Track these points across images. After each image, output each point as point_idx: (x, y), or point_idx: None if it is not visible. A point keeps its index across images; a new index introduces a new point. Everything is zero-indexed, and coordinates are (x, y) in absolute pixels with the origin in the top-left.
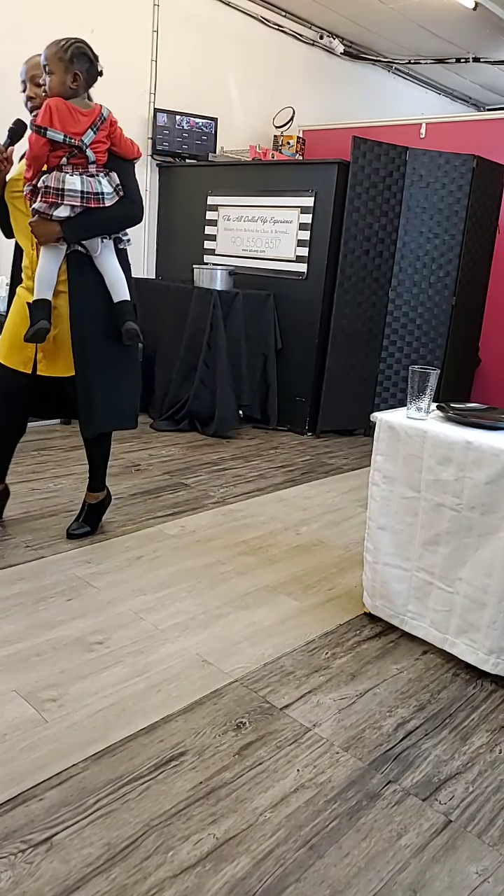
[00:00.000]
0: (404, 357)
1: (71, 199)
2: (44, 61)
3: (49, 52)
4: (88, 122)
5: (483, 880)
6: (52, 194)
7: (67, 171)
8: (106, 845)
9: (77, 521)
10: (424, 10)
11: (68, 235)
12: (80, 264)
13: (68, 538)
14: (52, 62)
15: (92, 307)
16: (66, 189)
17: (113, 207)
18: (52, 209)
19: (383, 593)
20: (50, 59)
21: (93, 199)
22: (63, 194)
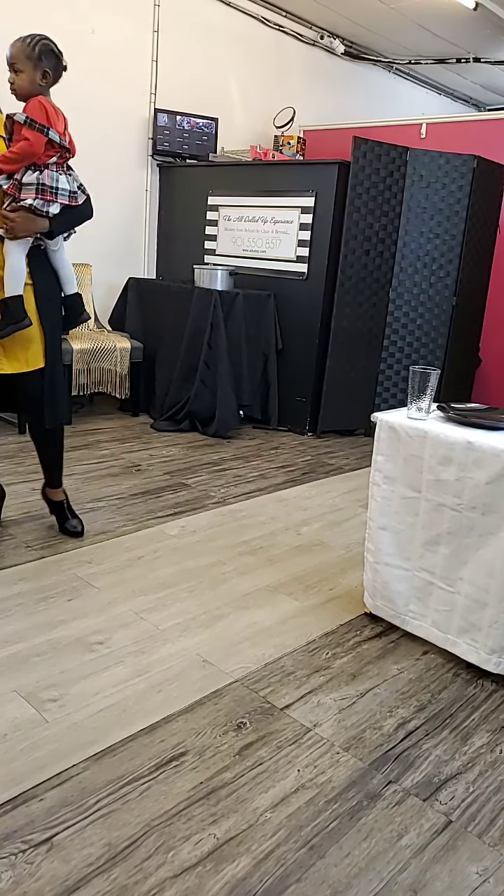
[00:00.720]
0: (405, 357)
1: (62, 198)
2: (10, 59)
3: (15, 50)
4: (64, 122)
5: (483, 880)
6: (49, 192)
7: (54, 170)
8: (106, 845)
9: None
10: (425, 11)
11: (56, 231)
12: (39, 258)
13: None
14: (19, 60)
15: (53, 300)
16: (59, 188)
17: (83, 205)
18: (46, 206)
19: (384, 593)
20: (17, 56)
21: (73, 197)
22: (57, 193)
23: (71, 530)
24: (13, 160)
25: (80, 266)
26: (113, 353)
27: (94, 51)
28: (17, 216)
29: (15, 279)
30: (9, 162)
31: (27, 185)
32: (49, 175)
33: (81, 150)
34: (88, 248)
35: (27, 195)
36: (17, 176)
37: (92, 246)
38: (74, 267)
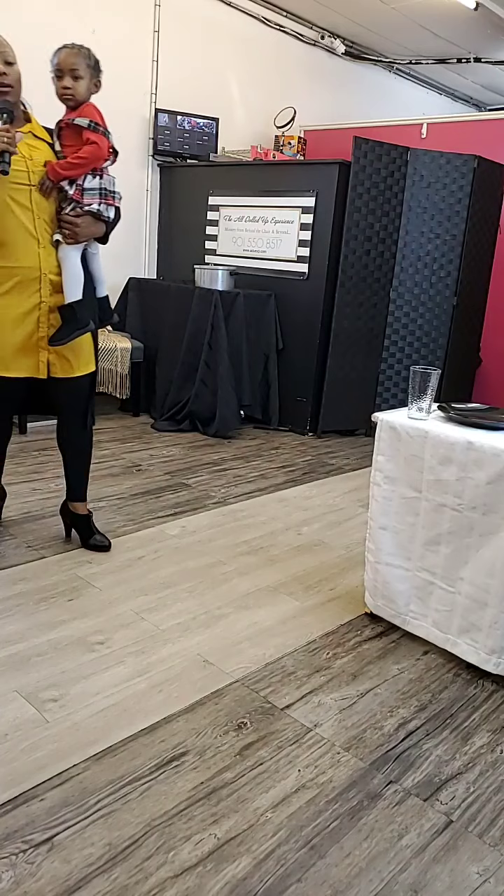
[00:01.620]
0: (405, 357)
1: (118, 202)
2: (71, 66)
3: (76, 57)
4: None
5: (484, 880)
6: (110, 196)
7: (108, 174)
8: (107, 845)
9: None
10: (426, 11)
11: (109, 234)
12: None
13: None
14: (82, 67)
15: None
16: (116, 192)
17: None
18: (107, 210)
19: (385, 593)
20: (80, 64)
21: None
22: (115, 196)
23: (98, 545)
24: (80, 165)
25: None
26: (113, 353)
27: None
28: (81, 221)
29: (76, 284)
30: (75, 167)
31: (90, 190)
32: (108, 179)
33: None
34: None
35: (91, 200)
36: (79, 181)
37: None
38: None
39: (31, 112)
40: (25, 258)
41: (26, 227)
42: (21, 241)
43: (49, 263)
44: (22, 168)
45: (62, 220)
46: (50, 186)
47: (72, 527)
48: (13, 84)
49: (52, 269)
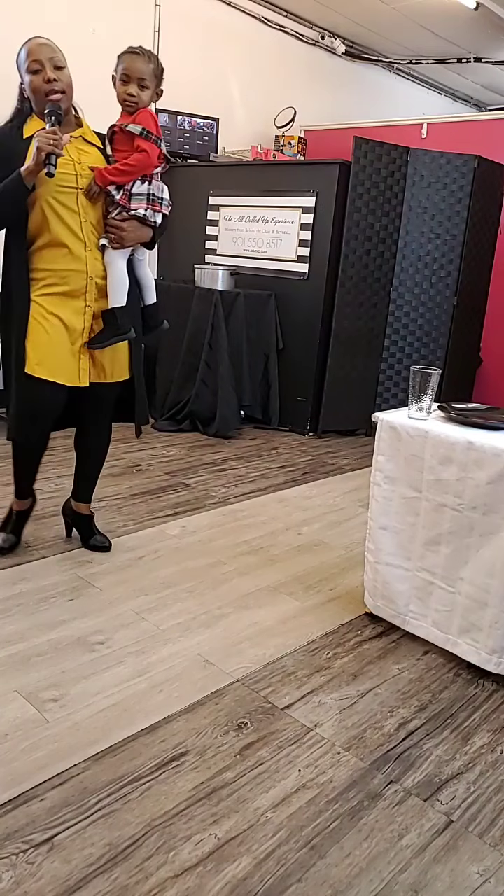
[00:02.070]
0: (406, 357)
1: (166, 208)
2: (139, 74)
3: (144, 66)
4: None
5: (484, 880)
6: (157, 202)
7: (157, 180)
8: (107, 845)
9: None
10: (426, 11)
11: (157, 239)
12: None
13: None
14: (150, 77)
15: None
16: (164, 198)
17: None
18: (154, 216)
19: (385, 593)
20: (148, 73)
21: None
22: (163, 202)
23: (99, 546)
24: (127, 172)
25: None
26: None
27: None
28: (127, 226)
29: (121, 289)
30: (123, 174)
31: (137, 196)
32: (156, 185)
33: None
34: None
35: (138, 205)
36: (126, 186)
37: None
38: None
39: (83, 117)
40: (72, 262)
41: (73, 231)
42: (68, 244)
43: (95, 267)
44: (70, 171)
45: (108, 224)
46: (97, 191)
47: (73, 526)
48: (64, 89)
49: (98, 273)
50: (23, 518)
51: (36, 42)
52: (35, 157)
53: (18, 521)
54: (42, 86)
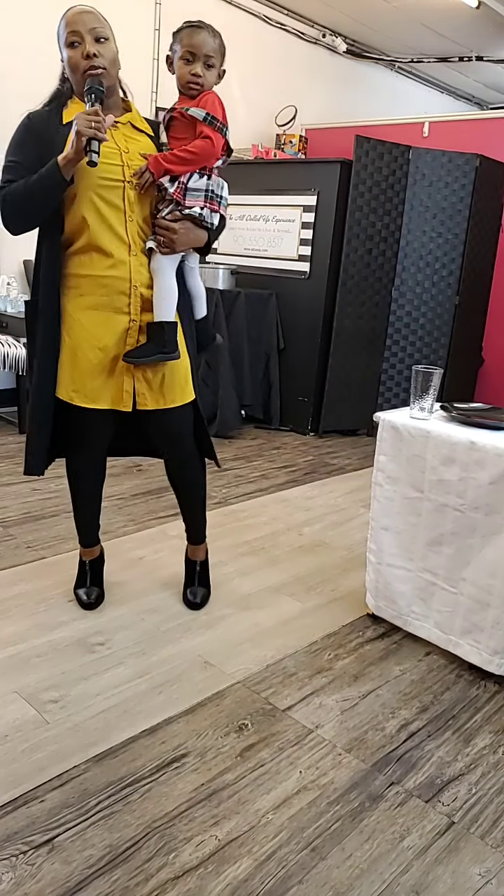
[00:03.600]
0: (407, 357)
1: (223, 209)
2: (209, 51)
3: (213, 43)
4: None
5: (486, 882)
6: (215, 201)
7: (216, 175)
8: (107, 847)
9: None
10: (427, 9)
11: (211, 244)
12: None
13: (191, 608)
14: (217, 55)
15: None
16: (223, 196)
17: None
18: (211, 216)
19: (387, 594)
20: (215, 50)
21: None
22: (221, 201)
23: (189, 600)
24: (187, 160)
25: None
26: None
27: None
28: (180, 226)
29: (169, 301)
30: (183, 162)
31: (194, 191)
32: (216, 181)
33: None
34: None
35: (194, 202)
36: (182, 179)
37: None
38: None
39: (131, 100)
40: (114, 268)
41: (116, 232)
42: (109, 246)
43: (141, 275)
44: (115, 162)
45: (158, 224)
46: (149, 180)
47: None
48: (106, 66)
49: (143, 281)
50: (97, 567)
51: (75, 10)
52: (74, 143)
53: (94, 571)
54: (81, 62)
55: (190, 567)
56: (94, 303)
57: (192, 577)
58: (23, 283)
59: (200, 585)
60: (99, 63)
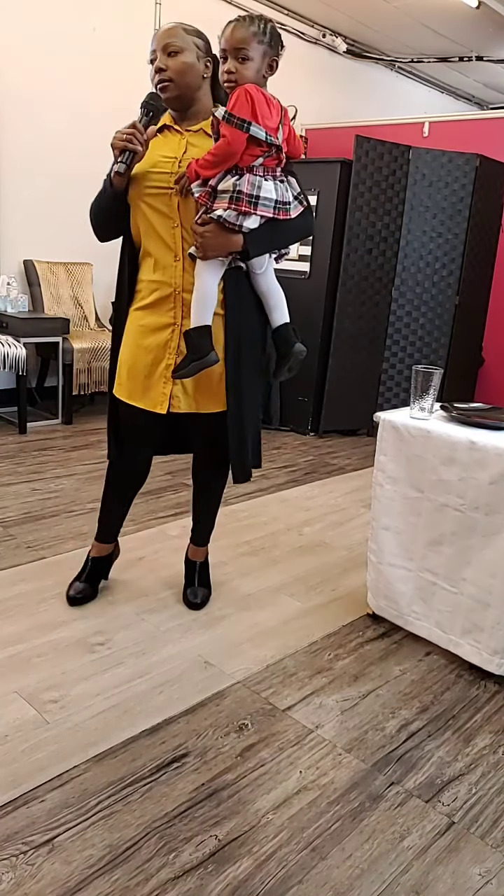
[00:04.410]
0: (407, 357)
1: (264, 210)
2: (238, 43)
3: (244, 33)
4: (279, 115)
5: (486, 882)
6: (245, 202)
7: (259, 174)
8: (108, 847)
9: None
10: (427, 9)
11: (252, 251)
12: (238, 282)
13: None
14: (251, 46)
15: (250, 334)
16: (261, 196)
17: (296, 219)
18: (241, 219)
19: (387, 594)
20: (248, 42)
21: (282, 209)
22: (258, 203)
23: (189, 600)
24: (212, 163)
25: (80, 265)
26: None
27: (95, 49)
28: (206, 230)
29: (202, 307)
30: (208, 165)
31: (222, 193)
32: (249, 180)
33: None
34: (89, 247)
35: (219, 204)
36: (212, 182)
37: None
38: (75, 266)
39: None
40: (161, 273)
41: (162, 238)
42: (158, 253)
43: (188, 281)
44: (166, 170)
45: (192, 229)
46: (185, 185)
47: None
48: (173, 77)
49: (189, 287)
50: (100, 566)
51: (159, 30)
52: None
53: (94, 570)
54: (154, 77)
55: (190, 567)
56: (147, 306)
57: (192, 577)
58: (23, 283)
59: (201, 585)
60: (165, 77)
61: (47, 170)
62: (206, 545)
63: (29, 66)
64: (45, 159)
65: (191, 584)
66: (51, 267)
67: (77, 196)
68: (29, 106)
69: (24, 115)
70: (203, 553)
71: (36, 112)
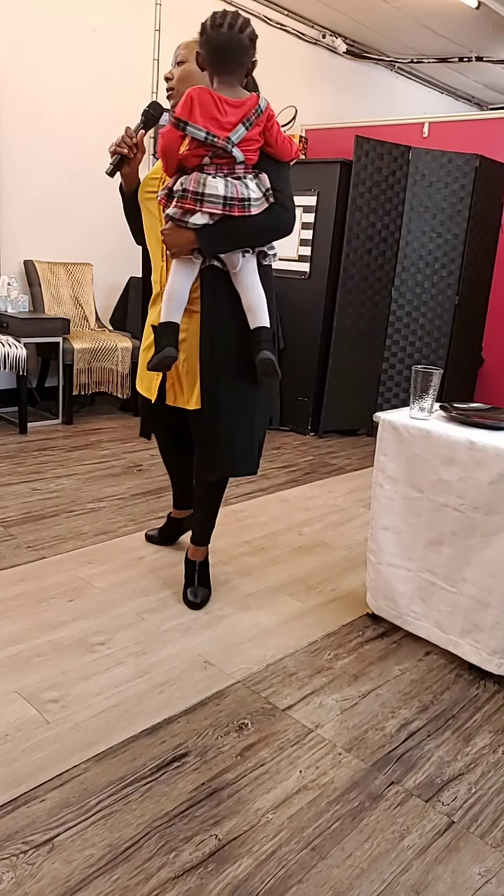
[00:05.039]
0: (407, 357)
1: (211, 206)
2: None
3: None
4: (239, 116)
5: (486, 881)
6: (189, 199)
7: (209, 173)
8: (108, 846)
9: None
10: (427, 10)
11: (204, 247)
12: (216, 282)
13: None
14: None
15: (226, 333)
16: (206, 193)
17: (259, 216)
18: (187, 216)
19: (387, 594)
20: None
21: (237, 205)
22: (202, 200)
23: (189, 600)
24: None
25: (81, 266)
26: (114, 352)
27: (95, 49)
28: (164, 229)
29: (169, 304)
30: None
31: (175, 192)
32: (195, 179)
33: (82, 149)
34: (90, 247)
35: (171, 203)
36: (168, 183)
37: (93, 246)
38: (74, 266)
39: None
40: (155, 271)
41: (153, 238)
42: (153, 254)
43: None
44: (157, 175)
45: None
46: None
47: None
48: (175, 85)
49: None
50: (171, 525)
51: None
52: None
53: (168, 525)
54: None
55: (190, 567)
56: (152, 303)
57: (192, 576)
58: (23, 284)
59: (201, 585)
60: (169, 84)
61: (47, 170)
62: (205, 545)
63: (29, 66)
64: (46, 159)
65: (191, 583)
66: (51, 267)
67: (77, 196)
68: (29, 106)
69: (24, 115)
70: (203, 553)
71: (36, 112)
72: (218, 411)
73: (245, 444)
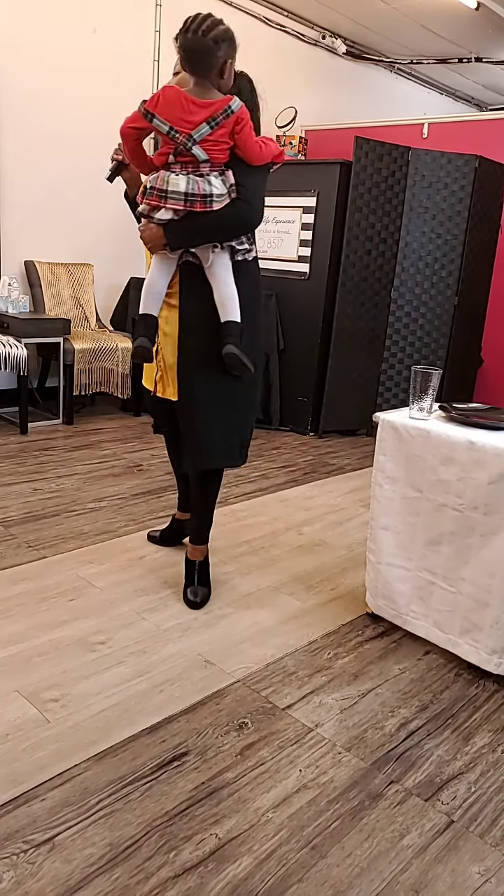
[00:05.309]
0: (407, 357)
1: (173, 203)
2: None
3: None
4: (204, 116)
5: (485, 880)
6: (154, 196)
7: (174, 171)
8: (108, 845)
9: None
10: (427, 10)
11: (171, 241)
12: (192, 277)
13: (191, 607)
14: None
15: (202, 327)
16: (169, 190)
17: (221, 211)
18: (154, 212)
19: (386, 593)
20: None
21: (199, 201)
22: (166, 196)
23: (189, 599)
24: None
25: (81, 266)
26: (115, 352)
27: (95, 50)
28: (140, 226)
29: (146, 297)
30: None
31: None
32: (161, 177)
33: (82, 150)
34: (90, 248)
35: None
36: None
37: (93, 246)
38: (75, 267)
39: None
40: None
41: None
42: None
43: None
44: None
45: None
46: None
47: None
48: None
49: None
50: (174, 526)
51: None
52: None
53: (171, 527)
54: None
55: (190, 566)
56: None
57: (192, 576)
58: (24, 284)
59: (200, 585)
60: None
61: (48, 170)
62: (204, 544)
63: (29, 66)
64: (46, 160)
65: (191, 583)
66: (52, 268)
67: (77, 197)
68: (29, 106)
69: (24, 115)
70: (203, 552)
71: (36, 112)
72: (193, 403)
73: (220, 437)
